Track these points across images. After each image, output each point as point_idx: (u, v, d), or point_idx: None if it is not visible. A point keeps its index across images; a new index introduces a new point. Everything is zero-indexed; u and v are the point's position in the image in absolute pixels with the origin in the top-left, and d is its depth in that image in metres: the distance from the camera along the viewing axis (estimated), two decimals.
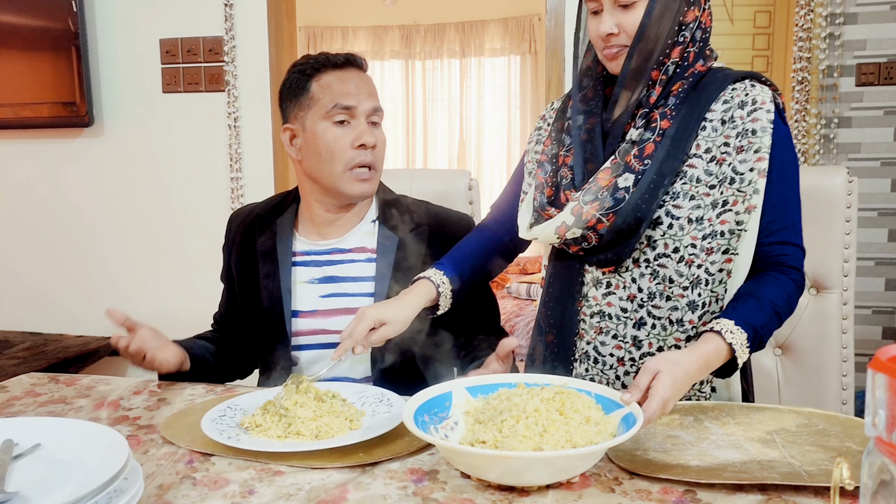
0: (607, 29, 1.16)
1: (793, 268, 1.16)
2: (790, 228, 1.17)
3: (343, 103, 1.37)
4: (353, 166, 1.38)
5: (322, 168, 1.39)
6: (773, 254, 1.16)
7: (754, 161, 1.13)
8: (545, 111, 1.42)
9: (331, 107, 1.37)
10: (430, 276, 1.26)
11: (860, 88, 2.49)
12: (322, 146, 1.38)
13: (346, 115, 1.38)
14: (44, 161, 2.95)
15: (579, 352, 1.24)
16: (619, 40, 1.17)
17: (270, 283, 1.43)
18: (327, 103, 1.37)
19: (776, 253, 1.16)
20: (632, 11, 1.14)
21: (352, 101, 1.38)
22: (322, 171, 1.39)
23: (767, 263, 1.16)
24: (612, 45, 1.17)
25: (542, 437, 0.87)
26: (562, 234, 1.19)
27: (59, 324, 2.95)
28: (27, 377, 1.37)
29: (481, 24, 6.01)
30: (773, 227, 1.16)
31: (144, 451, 1.01)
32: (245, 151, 2.76)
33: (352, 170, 1.38)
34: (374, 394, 1.18)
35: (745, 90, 1.17)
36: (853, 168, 2.50)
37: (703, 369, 1.04)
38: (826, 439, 0.99)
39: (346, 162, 1.37)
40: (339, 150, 1.37)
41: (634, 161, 1.16)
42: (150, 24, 2.78)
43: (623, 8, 1.15)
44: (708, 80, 1.19)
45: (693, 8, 1.17)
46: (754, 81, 1.18)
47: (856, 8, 2.46)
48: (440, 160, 6.27)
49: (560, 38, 2.49)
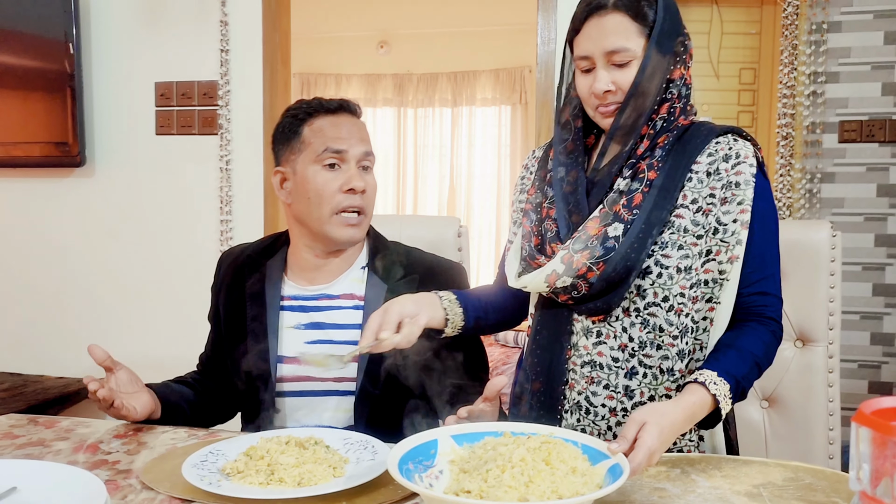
0: (604, 87, 1.19)
1: (771, 318, 1.19)
2: (770, 279, 1.20)
3: (334, 147, 1.37)
4: (341, 210, 1.37)
5: (310, 212, 1.38)
6: (753, 304, 1.19)
7: (737, 213, 1.16)
8: (527, 159, 1.43)
9: (321, 150, 1.37)
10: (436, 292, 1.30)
11: (843, 145, 2.54)
12: (311, 189, 1.38)
13: (337, 159, 1.38)
14: (33, 200, 2.94)
15: (570, 402, 1.23)
16: (615, 98, 1.20)
17: (257, 327, 1.42)
18: (318, 147, 1.38)
19: (756, 304, 1.19)
20: (626, 70, 1.18)
21: (343, 145, 1.38)
22: (310, 215, 1.39)
23: (747, 313, 1.19)
24: (608, 102, 1.20)
25: (527, 487, 0.86)
26: (552, 283, 1.20)
27: (40, 365, 2.90)
28: (5, 418, 1.34)
29: (473, 75, 6.12)
30: (753, 276, 1.19)
31: (123, 496, 0.98)
32: (235, 194, 2.76)
33: (339, 214, 1.37)
34: (358, 440, 1.16)
35: (729, 144, 1.21)
36: (837, 223, 2.53)
37: (688, 420, 1.05)
38: (813, 494, 0.99)
39: (334, 206, 1.37)
40: (327, 193, 1.37)
41: (623, 210, 1.18)
42: (146, 67, 2.81)
43: (617, 66, 1.18)
44: (692, 133, 1.22)
45: (679, 66, 1.21)
46: (736, 136, 1.23)
47: (838, 67, 2.53)
48: (430, 207, 6.30)
49: (550, 89, 2.54)
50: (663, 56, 1.18)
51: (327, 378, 1.39)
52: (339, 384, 1.39)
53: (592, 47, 1.19)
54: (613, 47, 1.17)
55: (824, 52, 2.52)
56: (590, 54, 1.20)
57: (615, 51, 1.17)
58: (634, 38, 1.17)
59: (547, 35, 2.54)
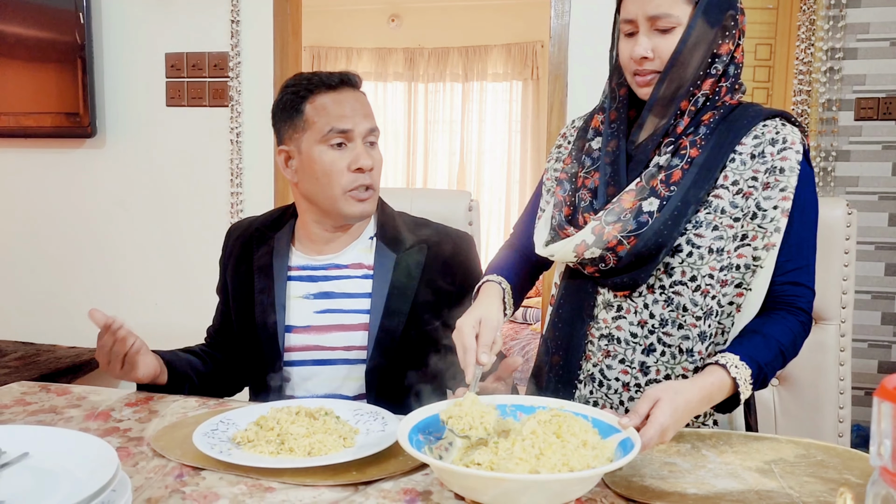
0: (642, 52, 1.15)
1: (802, 309, 1.16)
2: (804, 269, 1.17)
3: (339, 127, 1.35)
4: (352, 189, 1.37)
5: (320, 191, 1.37)
6: (785, 293, 1.16)
7: (779, 199, 1.13)
8: (565, 129, 1.40)
9: (327, 130, 1.35)
10: (492, 279, 1.25)
11: (859, 123, 2.51)
12: (319, 170, 1.36)
13: (343, 139, 1.36)
14: (44, 170, 2.94)
15: (584, 373, 1.23)
16: (653, 65, 1.16)
17: (265, 298, 1.42)
18: (323, 127, 1.35)
19: (788, 293, 1.16)
20: (668, 36, 1.14)
21: (348, 124, 1.36)
22: (320, 195, 1.38)
23: (778, 302, 1.16)
24: (644, 70, 1.16)
25: (538, 459, 0.86)
26: (580, 253, 1.18)
27: (52, 334, 2.93)
28: (18, 385, 1.35)
29: (484, 50, 6.06)
30: (787, 265, 1.16)
31: (134, 463, 0.99)
32: (246, 167, 2.76)
33: (350, 192, 1.37)
34: (368, 412, 1.16)
35: (776, 128, 1.17)
36: (851, 201, 2.50)
37: (705, 401, 1.04)
38: (825, 471, 0.98)
39: (344, 185, 1.36)
40: (336, 173, 1.36)
41: (661, 186, 1.15)
42: (157, 38, 2.80)
43: (660, 32, 1.14)
44: (738, 113, 1.19)
45: (728, 41, 1.16)
46: (784, 120, 1.19)
47: (856, 43, 2.49)
48: (440, 181, 6.29)
49: (563, 64, 2.51)
50: (710, 27, 1.14)
51: (337, 347, 1.39)
52: (349, 353, 1.39)
53: (636, 10, 1.15)
54: (657, 12, 1.13)
55: (842, 28, 2.47)
56: (633, 17, 1.15)
57: (658, 16, 1.13)
58: (680, 5, 1.13)
59: (560, 8, 2.50)
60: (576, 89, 2.50)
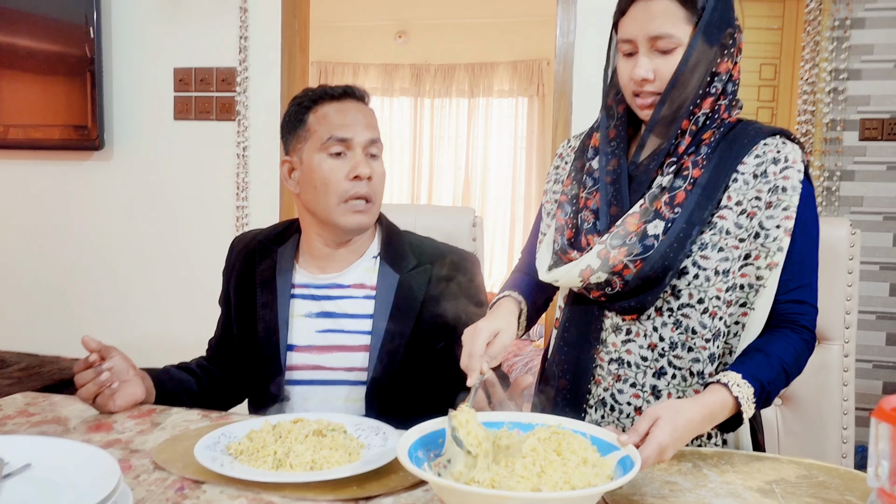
0: (643, 73, 1.14)
1: (805, 327, 1.15)
2: (807, 287, 1.17)
3: (338, 135, 1.35)
4: (349, 198, 1.36)
5: (318, 200, 1.37)
6: (788, 311, 1.15)
7: (782, 218, 1.13)
8: (561, 148, 1.39)
9: (326, 138, 1.35)
10: (514, 296, 1.26)
11: (863, 143, 2.51)
12: (318, 178, 1.36)
13: (342, 147, 1.36)
14: (52, 182, 2.97)
15: (595, 398, 1.21)
16: (653, 87, 1.15)
17: (267, 314, 1.41)
18: (323, 135, 1.36)
19: (791, 311, 1.15)
20: (669, 57, 1.13)
21: (348, 132, 1.36)
22: (318, 204, 1.37)
23: (781, 320, 1.15)
24: (645, 91, 1.16)
25: (539, 477, 0.86)
26: (586, 278, 1.17)
27: (56, 345, 2.94)
28: (21, 396, 1.36)
29: (490, 66, 6.10)
30: (790, 284, 1.15)
31: (135, 475, 0.99)
32: (252, 181, 2.78)
33: (347, 202, 1.36)
34: (370, 426, 1.16)
35: (777, 147, 1.16)
36: (855, 221, 2.50)
37: (706, 420, 1.03)
38: (826, 492, 0.98)
39: (340, 194, 1.35)
40: (333, 181, 1.35)
41: (665, 208, 1.14)
42: (166, 52, 2.83)
43: (661, 53, 1.13)
44: (738, 131, 1.18)
45: (726, 59, 1.15)
46: (785, 139, 1.18)
47: (860, 64, 2.50)
48: (445, 196, 6.31)
49: (568, 82, 2.52)
50: (710, 47, 1.13)
51: (338, 367, 1.39)
52: (349, 374, 1.38)
53: (637, 31, 1.14)
54: (658, 32, 1.12)
55: (847, 49, 2.49)
56: (633, 38, 1.14)
57: (659, 36, 1.12)
58: (681, 25, 1.12)
59: (566, 27, 2.52)
60: (580, 107, 2.52)
